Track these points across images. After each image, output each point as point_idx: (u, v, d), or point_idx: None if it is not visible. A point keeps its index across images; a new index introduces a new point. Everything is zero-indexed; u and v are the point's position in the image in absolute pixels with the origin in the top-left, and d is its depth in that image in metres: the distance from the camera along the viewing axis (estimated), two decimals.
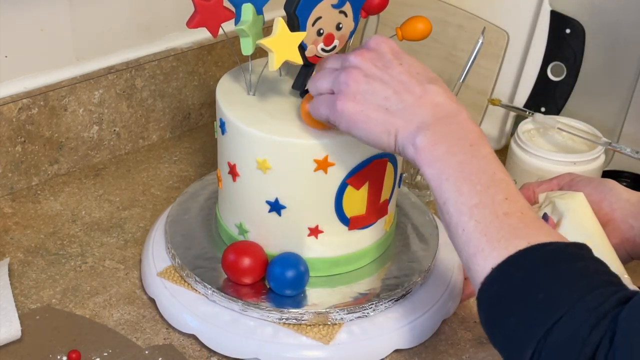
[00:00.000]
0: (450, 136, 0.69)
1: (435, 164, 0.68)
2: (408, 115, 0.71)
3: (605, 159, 1.00)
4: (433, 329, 0.84)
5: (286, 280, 0.80)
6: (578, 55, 1.08)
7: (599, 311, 0.56)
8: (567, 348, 0.56)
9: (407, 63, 0.73)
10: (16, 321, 0.80)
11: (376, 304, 0.82)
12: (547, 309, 0.58)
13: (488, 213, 0.65)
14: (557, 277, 0.60)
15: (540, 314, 0.58)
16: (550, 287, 0.59)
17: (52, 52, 1.02)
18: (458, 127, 0.70)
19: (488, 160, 0.68)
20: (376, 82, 0.72)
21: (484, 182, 0.66)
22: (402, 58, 0.74)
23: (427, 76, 0.73)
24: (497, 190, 0.66)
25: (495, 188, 0.66)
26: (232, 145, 0.82)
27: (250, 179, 0.81)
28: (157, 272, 0.86)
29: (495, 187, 0.66)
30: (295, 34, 0.76)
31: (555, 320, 0.57)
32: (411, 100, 0.71)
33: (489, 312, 0.63)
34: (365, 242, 0.86)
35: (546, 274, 0.60)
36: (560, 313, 0.57)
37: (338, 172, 0.79)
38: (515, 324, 0.60)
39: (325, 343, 0.79)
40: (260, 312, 0.80)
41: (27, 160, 1.03)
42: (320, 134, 0.78)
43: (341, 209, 0.81)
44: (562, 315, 0.57)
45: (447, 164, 0.68)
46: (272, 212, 0.81)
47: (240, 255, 0.81)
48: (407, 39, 0.84)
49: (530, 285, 0.60)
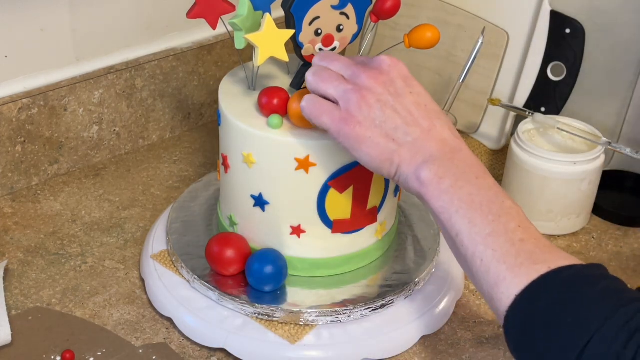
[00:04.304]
0: (456, 170, 0.70)
1: (443, 197, 0.69)
2: (414, 148, 0.71)
3: (605, 159, 1.00)
4: (408, 344, 0.82)
5: (264, 276, 0.81)
6: (578, 55, 1.08)
7: (629, 327, 0.57)
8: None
9: (416, 92, 0.73)
10: (6, 325, 0.80)
11: (351, 310, 0.81)
12: (577, 331, 0.59)
13: (504, 241, 0.66)
14: (582, 298, 0.61)
15: (572, 336, 0.59)
16: (578, 309, 0.60)
17: (52, 52, 1.02)
18: (462, 161, 0.71)
19: (495, 191, 0.69)
20: (388, 109, 0.71)
21: (495, 211, 0.67)
22: (413, 86, 0.73)
23: (434, 109, 0.73)
24: (509, 219, 0.67)
25: (507, 216, 0.67)
26: (224, 136, 0.83)
27: (238, 172, 0.82)
28: (152, 253, 0.88)
29: (506, 216, 0.67)
30: (283, 31, 0.76)
31: (587, 341, 0.58)
32: (418, 133, 0.71)
33: (519, 339, 0.64)
34: (351, 248, 0.85)
35: (571, 296, 0.61)
36: (591, 333, 0.58)
37: (320, 173, 0.79)
38: (547, 349, 0.61)
39: (291, 342, 0.79)
40: (235, 304, 0.81)
41: (27, 160, 1.03)
42: (303, 133, 0.78)
43: (324, 211, 0.81)
44: (592, 335, 0.58)
45: (455, 197, 0.68)
46: (257, 206, 0.82)
47: (223, 247, 0.82)
48: (414, 47, 0.84)
49: (557, 310, 0.61)
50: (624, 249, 0.99)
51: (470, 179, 0.69)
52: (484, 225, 0.67)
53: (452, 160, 0.70)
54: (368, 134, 0.71)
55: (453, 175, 0.69)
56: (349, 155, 0.78)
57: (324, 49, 0.80)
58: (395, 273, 0.87)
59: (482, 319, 0.87)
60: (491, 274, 0.65)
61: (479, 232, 0.67)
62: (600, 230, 1.02)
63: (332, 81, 0.74)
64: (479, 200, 0.68)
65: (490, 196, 0.69)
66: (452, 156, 0.71)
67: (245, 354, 0.79)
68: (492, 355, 0.83)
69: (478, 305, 0.89)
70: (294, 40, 0.79)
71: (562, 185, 0.97)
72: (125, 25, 1.08)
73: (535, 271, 0.63)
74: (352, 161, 0.79)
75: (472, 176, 0.70)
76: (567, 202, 0.98)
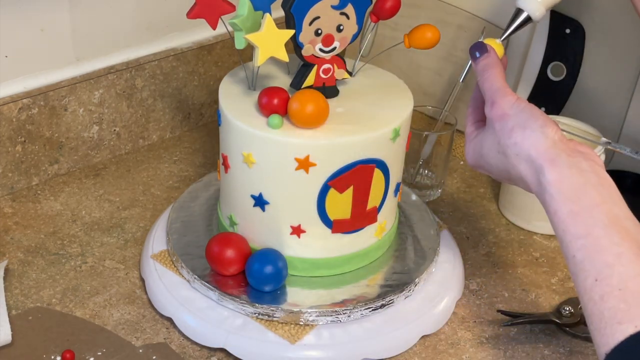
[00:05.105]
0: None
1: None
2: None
3: (605, 159, 1.00)
4: (408, 344, 0.82)
5: (264, 276, 0.81)
6: (578, 55, 1.08)
7: None
8: None
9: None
10: (6, 325, 0.80)
11: (351, 310, 0.81)
12: None
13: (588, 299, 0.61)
14: None
15: None
16: None
17: (52, 52, 1.02)
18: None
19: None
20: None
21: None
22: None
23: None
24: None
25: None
26: (224, 136, 0.83)
27: (238, 171, 0.82)
28: (152, 253, 0.89)
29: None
30: (283, 31, 0.76)
31: None
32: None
33: None
34: (351, 248, 0.85)
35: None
36: None
37: (320, 173, 0.79)
38: None
39: (291, 342, 0.79)
40: (235, 303, 0.81)
41: (27, 160, 1.03)
42: (303, 133, 0.78)
43: (324, 211, 0.81)
44: None
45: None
46: (257, 206, 0.82)
47: (223, 247, 0.82)
48: (414, 47, 0.83)
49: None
50: None
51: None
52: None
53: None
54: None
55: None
56: (349, 155, 0.78)
57: (324, 48, 0.80)
58: (395, 273, 0.87)
59: (482, 319, 0.87)
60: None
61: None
62: None
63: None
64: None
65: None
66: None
67: (245, 354, 0.79)
68: (492, 355, 0.83)
69: (478, 305, 0.89)
70: (294, 40, 0.79)
71: None
72: (125, 25, 1.08)
73: (621, 332, 0.58)
74: (352, 161, 0.79)
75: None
76: None
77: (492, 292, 0.91)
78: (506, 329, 0.86)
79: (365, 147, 0.79)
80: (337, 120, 0.79)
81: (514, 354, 0.83)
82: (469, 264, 0.95)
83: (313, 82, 0.82)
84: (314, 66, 0.81)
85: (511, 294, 0.91)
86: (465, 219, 1.03)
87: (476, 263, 0.95)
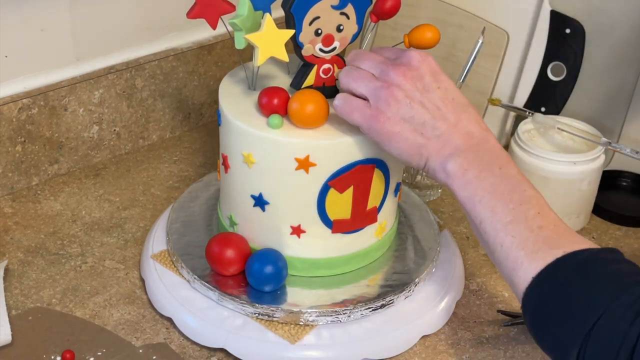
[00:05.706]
0: (480, 161, 0.74)
1: (467, 187, 0.73)
2: (441, 142, 0.75)
3: (605, 159, 1.00)
4: (408, 344, 0.82)
5: (264, 276, 0.81)
6: (578, 55, 1.08)
7: (636, 306, 0.61)
8: (610, 343, 0.61)
9: (444, 87, 0.76)
10: (6, 325, 0.80)
11: (351, 310, 0.81)
12: (587, 311, 0.63)
13: (523, 228, 0.70)
14: (593, 280, 0.65)
15: (582, 315, 0.63)
16: (589, 290, 0.64)
17: (52, 52, 1.02)
18: (487, 152, 0.74)
19: (517, 180, 0.73)
20: (416, 105, 0.75)
21: (516, 200, 0.71)
22: (441, 80, 0.76)
23: (461, 102, 0.76)
24: (529, 207, 0.71)
25: (527, 204, 0.71)
26: (224, 136, 0.83)
27: (238, 171, 0.82)
28: (152, 253, 0.89)
29: (527, 204, 0.71)
30: (283, 31, 0.76)
31: (595, 320, 0.62)
32: (445, 127, 0.75)
33: (534, 318, 0.68)
34: (351, 248, 0.85)
35: (583, 278, 0.65)
36: (600, 312, 0.62)
37: (320, 173, 0.79)
38: (559, 327, 0.65)
39: (291, 342, 0.79)
40: (235, 304, 0.81)
41: (27, 160, 1.03)
42: (303, 133, 0.78)
43: (324, 211, 0.81)
44: (601, 314, 0.62)
45: (479, 187, 0.73)
46: (257, 206, 0.82)
47: (223, 247, 0.82)
48: (414, 47, 0.83)
49: (569, 290, 0.65)
50: (624, 249, 0.99)
51: (494, 169, 0.73)
52: (504, 213, 0.71)
53: (477, 152, 0.74)
54: (397, 129, 0.75)
55: (477, 167, 0.73)
56: (349, 155, 0.78)
57: (324, 48, 0.80)
58: (395, 273, 0.87)
59: (482, 319, 0.87)
60: (510, 259, 0.69)
61: (500, 220, 0.71)
62: (600, 230, 1.02)
63: (362, 79, 0.76)
64: (500, 190, 0.72)
65: (512, 185, 0.72)
66: (477, 148, 0.74)
67: (245, 354, 0.79)
68: (492, 355, 0.83)
69: (478, 305, 0.89)
70: (294, 40, 0.79)
71: (562, 185, 0.97)
72: (125, 25, 1.08)
73: (551, 255, 0.67)
74: (352, 161, 0.79)
75: (495, 167, 0.73)
76: (567, 202, 0.98)
77: (492, 292, 0.91)
78: (506, 329, 0.86)
79: (365, 147, 0.79)
80: (337, 120, 0.79)
81: (514, 354, 0.83)
82: (469, 264, 0.95)
83: (313, 82, 0.82)
84: (314, 66, 0.81)
85: (511, 294, 0.91)
86: (465, 219, 1.03)
87: (476, 263, 0.95)
